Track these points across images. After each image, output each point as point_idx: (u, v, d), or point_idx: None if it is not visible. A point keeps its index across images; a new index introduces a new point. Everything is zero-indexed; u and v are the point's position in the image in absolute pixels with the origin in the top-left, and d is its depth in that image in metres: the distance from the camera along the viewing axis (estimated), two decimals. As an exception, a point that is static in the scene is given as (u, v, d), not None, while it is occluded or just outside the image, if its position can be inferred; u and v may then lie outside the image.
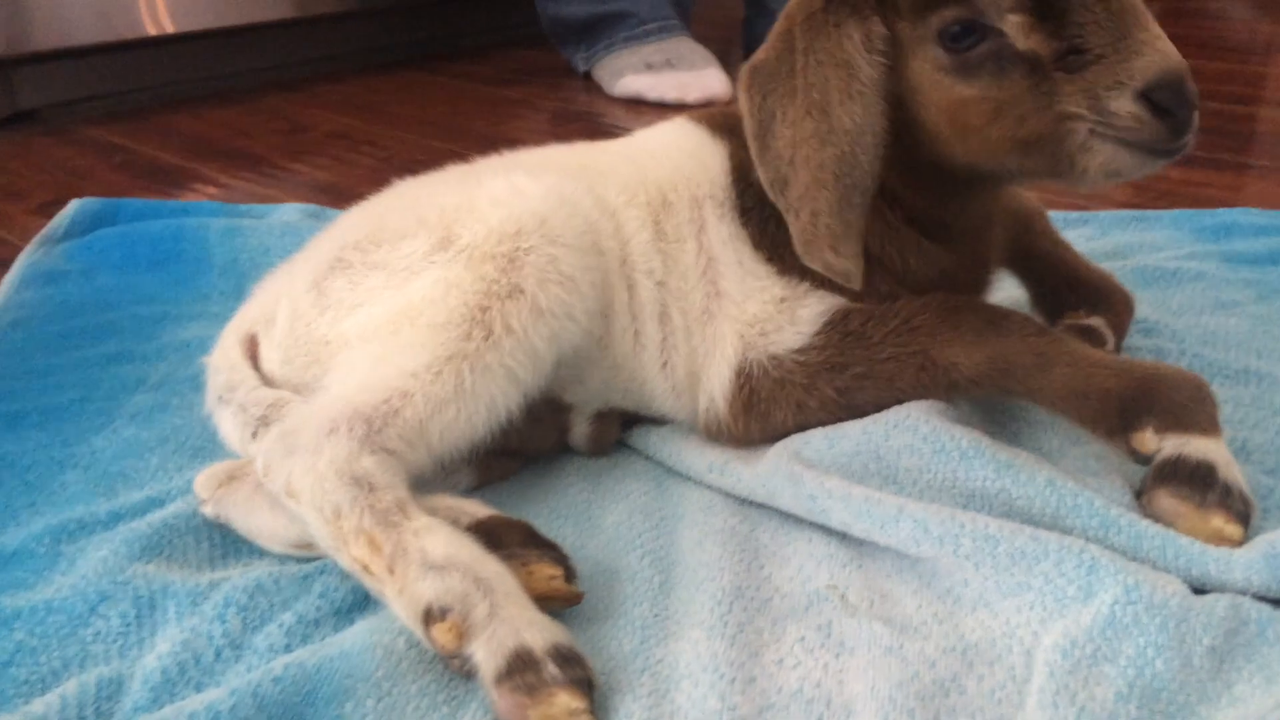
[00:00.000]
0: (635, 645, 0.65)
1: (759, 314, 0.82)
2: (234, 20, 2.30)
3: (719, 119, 0.90)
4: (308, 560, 0.74)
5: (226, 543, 0.78)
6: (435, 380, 0.73)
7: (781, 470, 0.76)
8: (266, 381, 0.84)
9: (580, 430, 0.87)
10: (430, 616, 0.61)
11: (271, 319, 0.86)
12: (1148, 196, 1.43)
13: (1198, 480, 0.69)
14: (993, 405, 0.85)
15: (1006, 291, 1.00)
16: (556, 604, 0.67)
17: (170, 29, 2.22)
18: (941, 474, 0.73)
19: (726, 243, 0.85)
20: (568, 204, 0.82)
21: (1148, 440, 0.71)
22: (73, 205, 1.45)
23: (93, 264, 1.31)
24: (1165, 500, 0.70)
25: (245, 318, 0.89)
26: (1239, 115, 1.86)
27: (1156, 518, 0.70)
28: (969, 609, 0.66)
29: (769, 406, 0.81)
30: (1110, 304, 0.95)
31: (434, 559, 0.63)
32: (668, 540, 0.76)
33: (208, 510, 0.78)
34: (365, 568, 0.65)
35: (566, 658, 0.60)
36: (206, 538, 0.78)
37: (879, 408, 0.79)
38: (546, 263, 0.78)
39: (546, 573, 0.67)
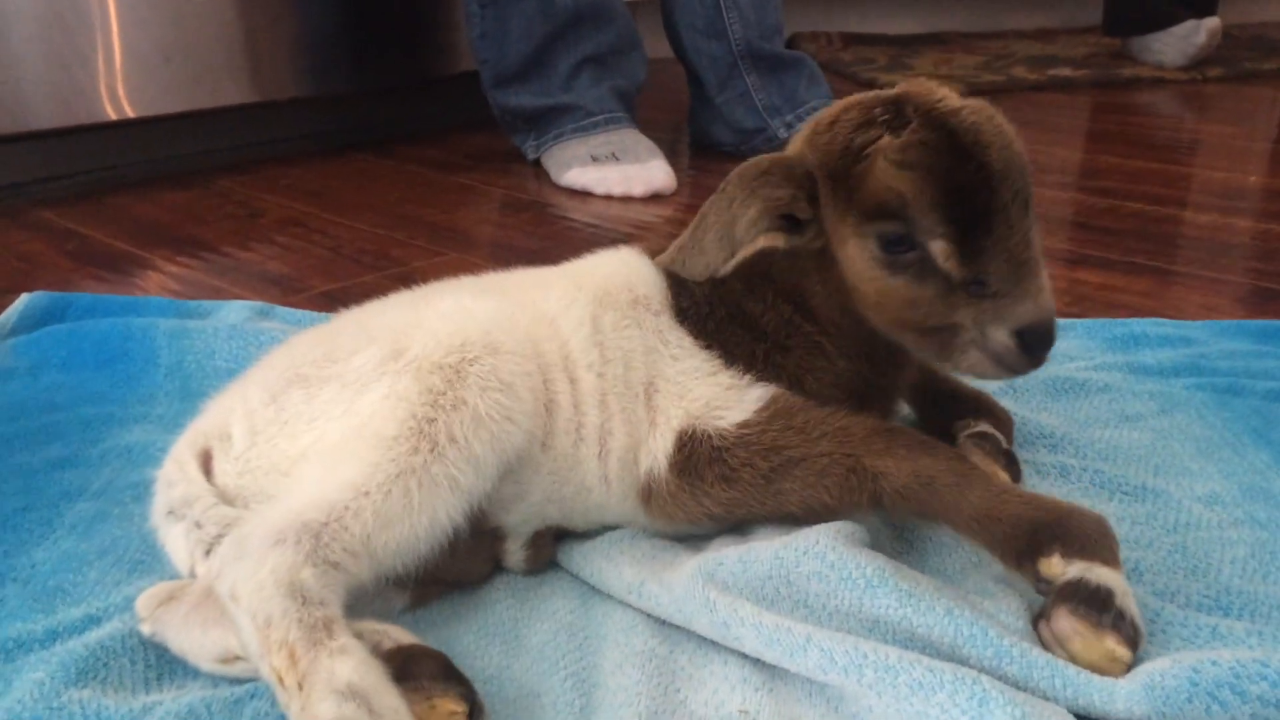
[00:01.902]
0: (553, 773, 0.68)
1: (708, 395, 0.89)
2: (195, 104, 2.34)
3: (656, 250, 0.96)
4: (238, 682, 0.77)
5: (162, 663, 0.80)
6: (385, 499, 0.77)
7: (696, 595, 0.80)
8: (221, 496, 0.87)
9: (516, 556, 0.91)
10: None
11: (226, 434, 0.89)
12: (1064, 301, 1.50)
13: (1096, 602, 0.74)
14: (902, 525, 0.89)
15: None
16: None
17: (131, 114, 2.25)
18: (848, 601, 0.77)
19: (666, 333, 0.93)
20: (507, 317, 0.90)
21: (1054, 564, 0.76)
22: (22, 300, 1.47)
23: (39, 361, 1.33)
24: (1065, 619, 0.74)
25: (199, 431, 0.92)
26: (1160, 217, 1.95)
27: (1055, 635, 0.74)
28: (871, 736, 0.70)
29: (704, 469, 0.87)
30: (993, 413, 1.02)
31: (338, 683, 0.66)
32: (591, 662, 0.79)
33: (145, 629, 0.80)
34: (280, 679, 0.68)
35: None
36: (142, 658, 0.80)
37: (802, 501, 0.84)
38: (488, 372, 0.83)
39: (448, 708, 0.69)
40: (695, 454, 0.87)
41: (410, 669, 0.71)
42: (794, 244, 0.89)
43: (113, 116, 2.22)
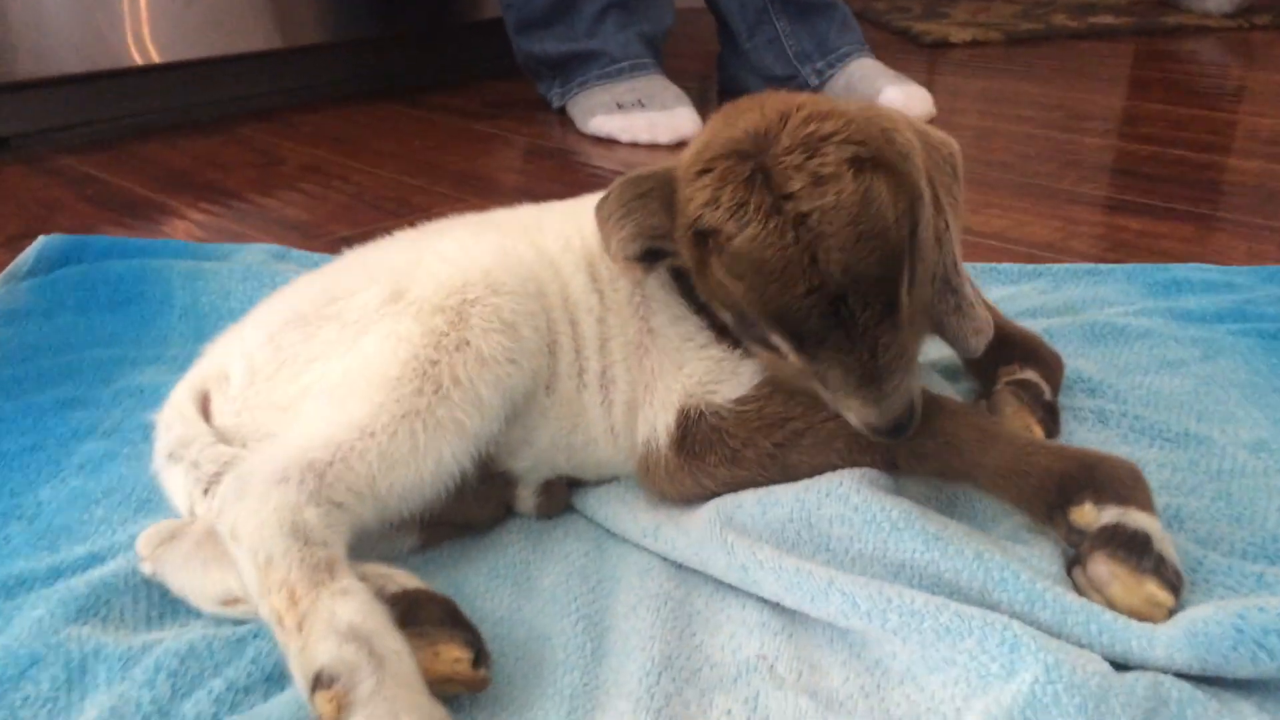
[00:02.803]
0: (562, 717, 0.66)
1: (701, 371, 0.85)
2: (219, 50, 2.31)
3: None
4: (240, 623, 0.74)
5: (164, 602, 0.78)
6: (390, 439, 0.75)
7: (714, 537, 0.77)
8: (219, 437, 0.85)
9: (528, 502, 0.88)
10: (319, 681, 0.61)
11: (224, 374, 0.87)
12: (1103, 247, 1.44)
13: (1134, 546, 0.70)
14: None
15: (938, 350, 1.01)
16: (457, 688, 0.66)
17: (156, 59, 2.23)
18: (872, 545, 0.74)
19: (664, 288, 0.88)
20: (510, 255, 0.86)
21: (1086, 512, 0.73)
22: (39, 242, 1.45)
23: (55, 303, 1.31)
24: (1102, 564, 0.71)
25: (197, 374, 0.90)
26: (1204, 164, 1.88)
27: (1091, 580, 0.71)
28: (896, 682, 0.67)
29: (704, 450, 0.83)
30: (1040, 359, 0.97)
31: (339, 624, 0.64)
32: (603, 605, 0.76)
33: (146, 568, 0.78)
34: (280, 620, 0.66)
35: None
36: (145, 597, 0.78)
37: (813, 471, 0.80)
38: (490, 312, 0.81)
39: (453, 655, 0.66)
40: (695, 433, 0.83)
41: (415, 614, 0.69)
42: (661, 268, 0.84)
43: (139, 62, 2.20)
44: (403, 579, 0.73)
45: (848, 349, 0.73)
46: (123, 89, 2.33)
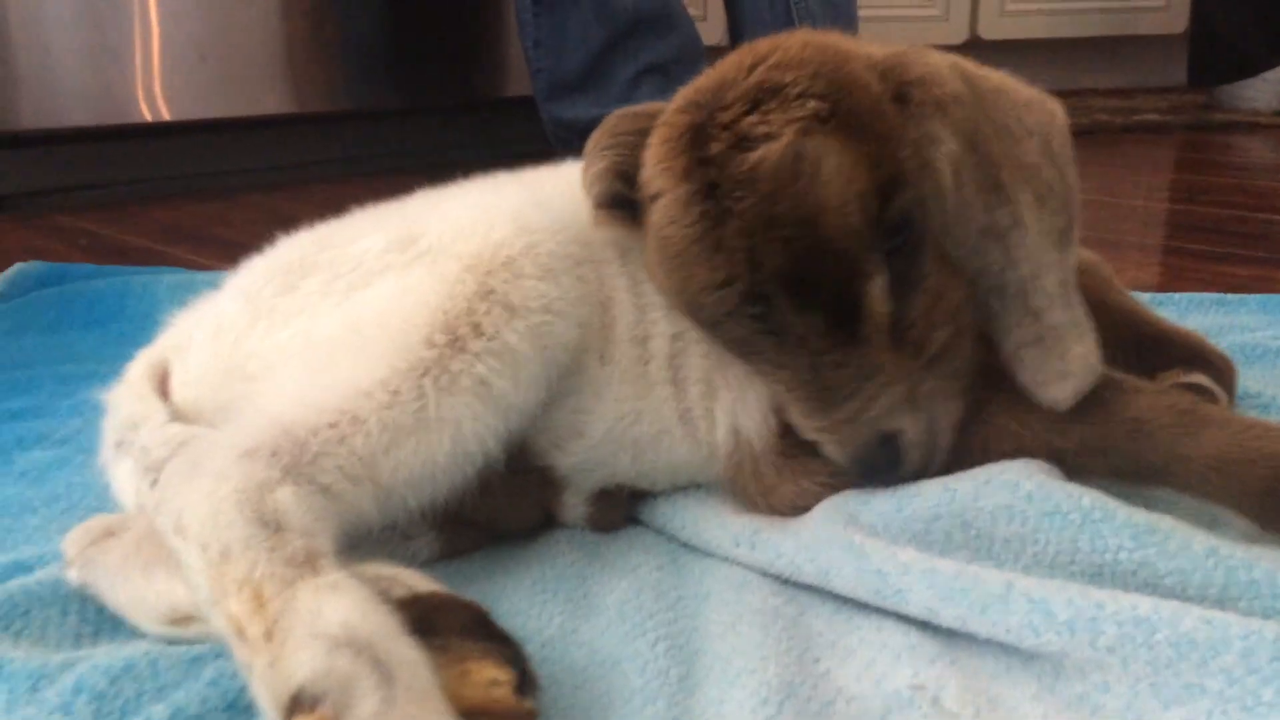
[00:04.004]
0: (647, 759, 0.46)
1: None
2: (233, 111, 2.20)
3: None
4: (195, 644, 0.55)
5: (101, 618, 0.59)
6: (392, 400, 0.57)
7: (836, 540, 0.58)
8: (178, 417, 0.66)
9: (575, 510, 0.69)
10: (298, 704, 0.42)
11: (187, 342, 0.69)
12: (1216, 290, 1.28)
13: None
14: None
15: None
16: None
17: (166, 117, 2.11)
18: (1055, 544, 0.55)
19: None
20: (544, 198, 0.69)
21: None
22: (14, 267, 1.30)
23: (22, 324, 1.15)
24: None
25: (159, 345, 0.73)
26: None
27: None
28: (1116, 721, 0.47)
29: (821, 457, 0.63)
30: (1209, 362, 0.78)
31: (326, 626, 0.45)
32: (689, 624, 0.57)
33: (73, 574, 0.59)
34: (240, 631, 0.47)
35: None
36: (76, 611, 0.59)
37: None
38: (519, 254, 0.63)
39: (488, 676, 0.47)
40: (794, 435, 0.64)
41: (433, 622, 0.49)
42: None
43: (148, 118, 2.08)
44: (411, 579, 0.54)
45: (779, 363, 0.57)
46: (128, 149, 2.21)
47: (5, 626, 0.57)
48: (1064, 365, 0.59)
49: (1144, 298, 1.15)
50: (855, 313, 0.57)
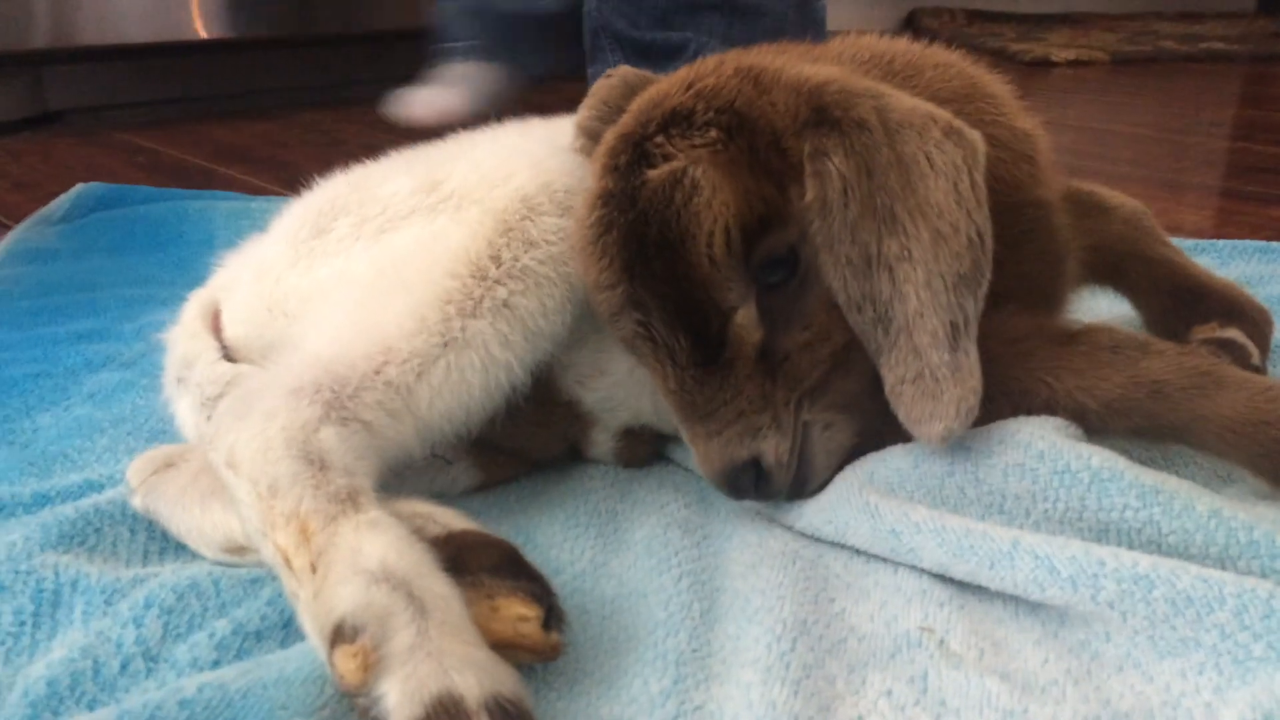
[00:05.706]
0: (667, 686, 0.50)
1: None
2: (288, 30, 2.21)
3: None
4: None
5: (167, 538, 0.63)
6: (420, 327, 0.61)
7: (852, 501, 0.60)
8: (229, 354, 0.70)
9: (604, 446, 0.72)
10: (340, 634, 0.46)
11: (235, 284, 0.73)
12: (1265, 236, 1.27)
13: None
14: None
15: (1110, 308, 0.84)
16: (522, 656, 0.50)
17: (220, 34, 2.13)
18: (1064, 502, 0.57)
19: None
20: (562, 150, 0.72)
21: None
22: (76, 188, 1.34)
23: (86, 245, 1.19)
24: None
25: (210, 288, 0.77)
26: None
27: None
28: (1113, 669, 0.50)
29: None
30: (1245, 315, 0.79)
31: (366, 562, 0.48)
32: (713, 561, 0.60)
33: (136, 502, 0.63)
34: (287, 561, 0.51)
35: (510, 714, 0.44)
36: (144, 529, 0.64)
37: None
38: (536, 192, 0.67)
39: (516, 612, 0.50)
40: None
41: (464, 560, 0.53)
42: None
43: (202, 35, 2.10)
44: (446, 518, 0.57)
45: (655, 368, 0.60)
46: (177, 70, 2.24)
47: (81, 543, 0.61)
48: (936, 407, 0.57)
49: (1186, 245, 1.15)
50: (721, 337, 0.59)
